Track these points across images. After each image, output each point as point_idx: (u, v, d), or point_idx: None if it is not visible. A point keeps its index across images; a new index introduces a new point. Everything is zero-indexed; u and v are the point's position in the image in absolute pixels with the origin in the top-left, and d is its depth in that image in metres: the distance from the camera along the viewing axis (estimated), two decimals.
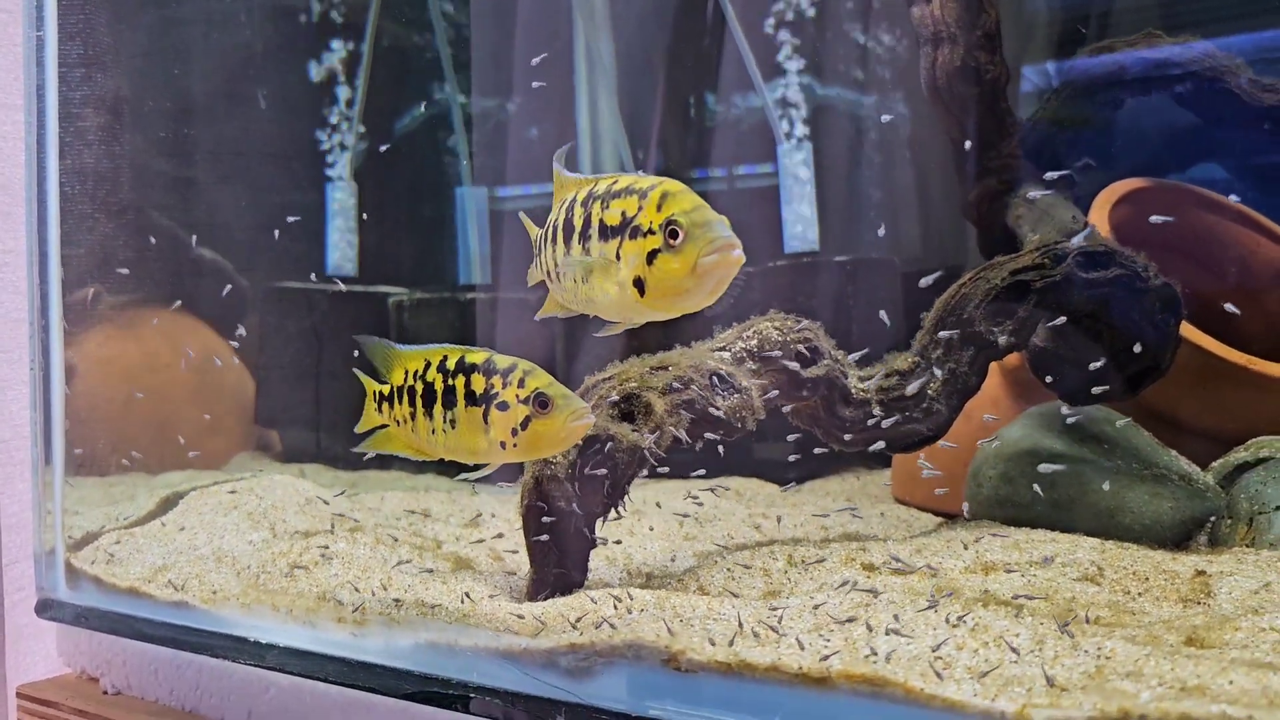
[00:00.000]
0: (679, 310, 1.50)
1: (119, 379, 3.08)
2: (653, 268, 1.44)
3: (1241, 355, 2.47)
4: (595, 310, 1.60)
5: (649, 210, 1.45)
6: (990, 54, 2.63)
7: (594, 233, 1.52)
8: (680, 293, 1.44)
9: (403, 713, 1.92)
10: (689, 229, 1.40)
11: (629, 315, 1.57)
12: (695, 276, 1.41)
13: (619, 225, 1.48)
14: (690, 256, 1.40)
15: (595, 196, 1.55)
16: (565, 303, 1.67)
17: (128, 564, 2.46)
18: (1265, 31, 2.75)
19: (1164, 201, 2.82)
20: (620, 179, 1.55)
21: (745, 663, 1.53)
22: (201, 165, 3.37)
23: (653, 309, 1.50)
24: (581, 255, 1.54)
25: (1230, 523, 2.14)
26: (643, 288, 1.46)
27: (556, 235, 1.60)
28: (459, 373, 1.76)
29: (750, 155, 3.85)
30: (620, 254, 1.48)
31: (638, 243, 1.45)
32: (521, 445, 1.71)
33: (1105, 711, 1.26)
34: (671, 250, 1.41)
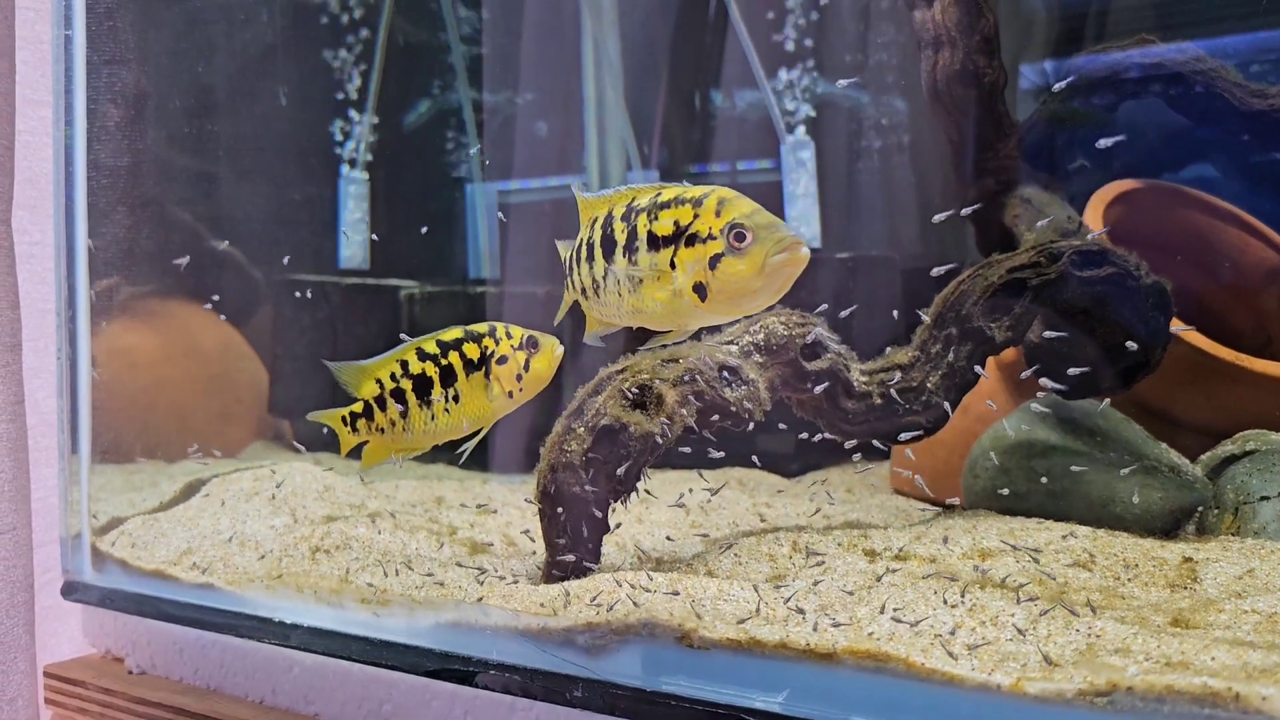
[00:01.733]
0: (741, 312, 1.55)
1: (137, 369, 3.15)
2: (716, 272, 1.48)
3: (1231, 352, 2.55)
4: (643, 321, 1.63)
5: (707, 217, 1.49)
6: (989, 58, 2.69)
7: (641, 244, 1.56)
8: (748, 293, 1.48)
9: (424, 689, 2.00)
10: (755, 231, 1.45)
11: (683, 322, 1.60)
12: (764, 276, 1.45)
13: (672, 234, 1.52)
14: (758, 258, 1.44)
15: (638, 210, 1.58)
16: (606, 317, 1.71)
17: (152, 547, 2.54)
18: (1260, 33, 2.82)
19: (1156, 202, 2.89)
20: (664, 191, 1.57)
21: (755, 640, 1.62)
22: (220, 160, 3.44)
23: (714, 313, 1.55)
24: (628, 267, 1.57)
25: (1217, 512, 2.22)
26: (704, 292, 1.50)
27: (593, 252, 1.64)
28: (449, 350, 1.92)
29: (753, 151, 3.93)
30: (676, 262, 1.52)
31: (696, 249, 1.50)
32: (526, 386, 1.94)
33: (1094, 684, 1.34)
34: (737, 253, 1.46)
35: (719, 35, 3.92)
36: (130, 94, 2.81)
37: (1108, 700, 1.32)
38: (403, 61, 4.18)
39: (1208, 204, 2.90)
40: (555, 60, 4.01)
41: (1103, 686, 1.33)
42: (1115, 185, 2.83)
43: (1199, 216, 2.91)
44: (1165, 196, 2.92)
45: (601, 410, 2.12)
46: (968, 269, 2.39)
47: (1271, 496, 2.13)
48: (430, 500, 2.93)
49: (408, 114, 4.27)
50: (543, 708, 1.86)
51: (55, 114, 2.63)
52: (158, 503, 2.82)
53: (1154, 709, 1.29)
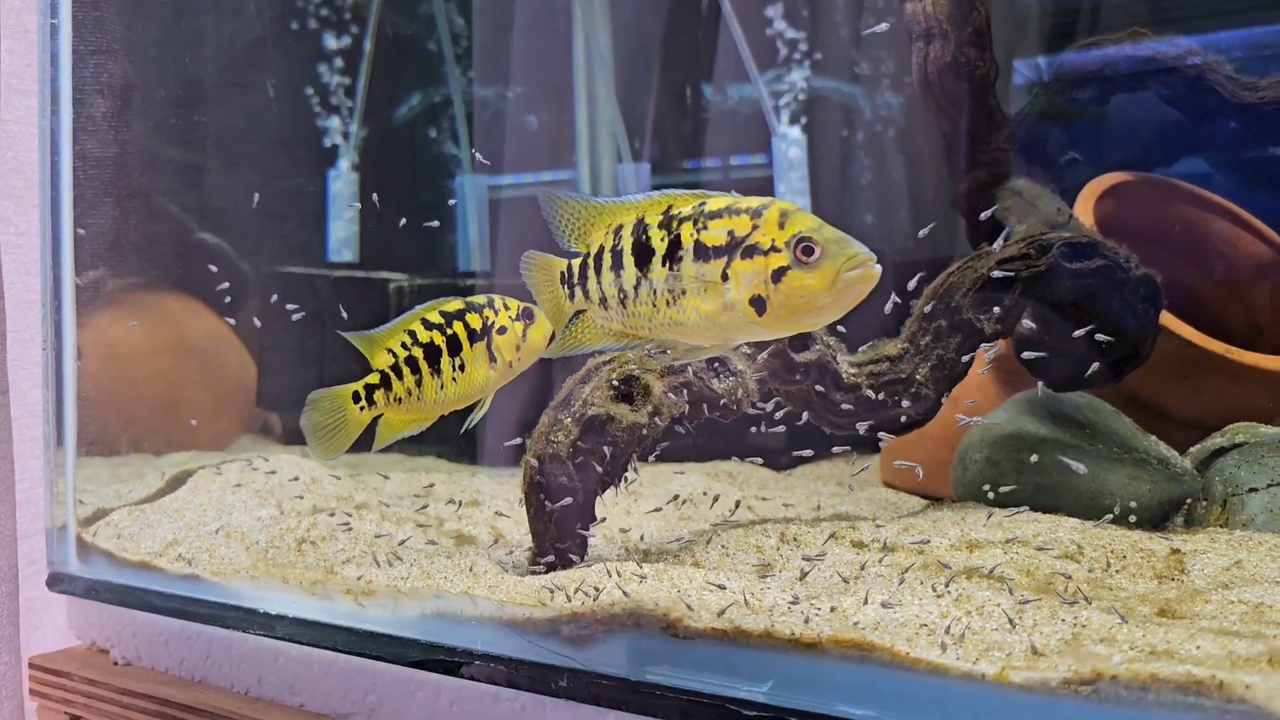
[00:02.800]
0: (801, 328, 1.50)
1: (123, 361, 3.14)
2: (780, 286, 1.42)
3: (1221, 345, 2.55)
4: (681, 334, 1.56)
5: (768, 229, 1.43)
6: (980, 50, 2.69)
7: (687, 254, 1.49)
8: (813, 310, 1.43)
9: (409, 680, 1.99)
10: (825, 245, 1.39)
11: (730, 336, 1.53)
12: (834, 292, 1.40)
13: (726, 245, 1.46)
14: (829, 273, 1.39)
15: (681, 218, 1.52)
16: (632, 329, 1.63)
17: (138, 539, 2.53)
18: (1254, 28, 2.82)
19: (1148, 195, 2.89)
20: (710, 200, 1.51)
21: (740, 629, 1.61)
22: (207, 151, 3.43)
23: (771, 328, 1.48)
24: (669, 277, 1.51)
25: (1205, 504, 2.22)
26: (762, 306, 1.44)
27: (621, 260, 1.57)
28: (453, 320, 1.94)
29: (744, 145, 3.92)
30: (729, 274, 1.45)
31: (755, 261, 1.43)
32: (523, 356, 1.97)
33: (1079, 673, 1.34)
34: (805, 267, 1.40)
35: (711, 28, 3.91)
36: (117, 84, 2.79)
37: (1092, 689, 1.32)
38: (392, 54, 4.17)
39: (1199, 197, 2.90)
40: (546, 53, 4.00)
41: (1087, 675, 1.33)
42: (1106, 178, 2.83)
43: (1190, 210, 2.91)
44: (1156, 190, 2.92)
45: (589, 401, 2.11)
46: (957, 260, 2.38)
47: (1260, 488, 2.13)
48: (419, 491, 2.92)
49: (397, 107, 4.26)
50: (528, 698, 1.85)
51: (41, 103, 2.61)
52: (144, 494, 2.81)
53: (1138, 697, 1.29)
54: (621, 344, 1.65)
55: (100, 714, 2.37)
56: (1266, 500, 2.10)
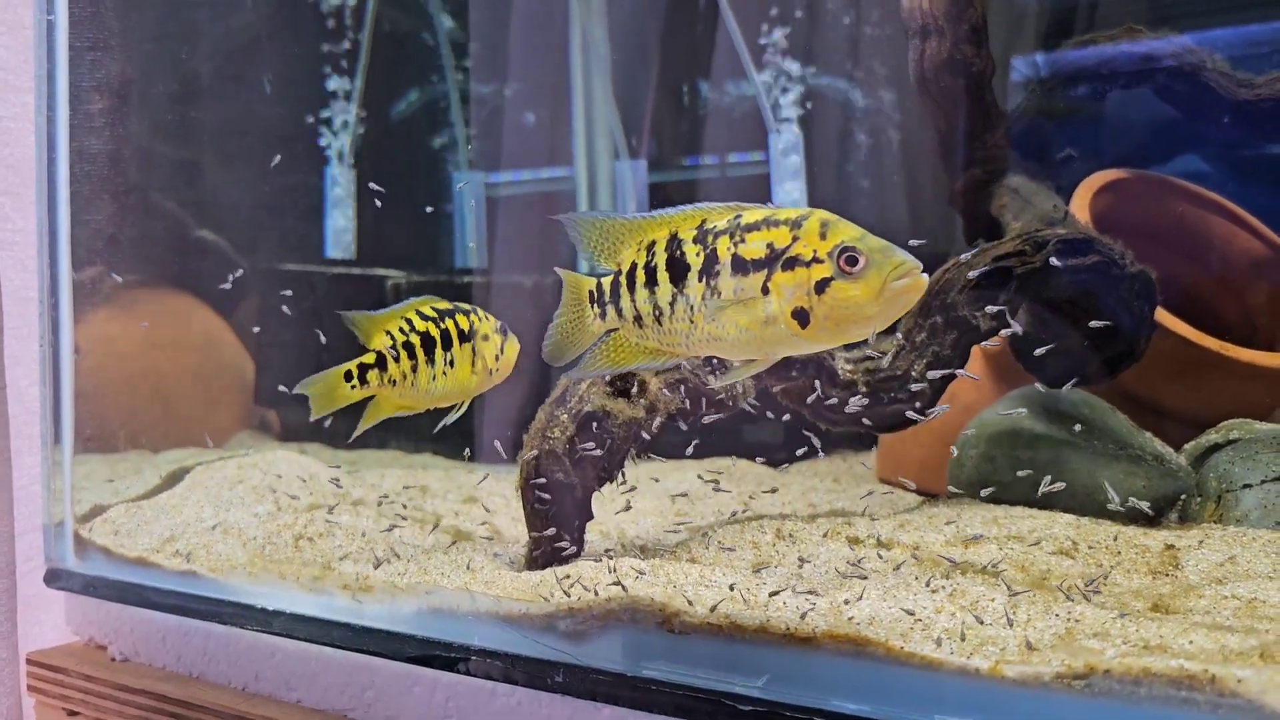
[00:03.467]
0: (845, 339, 1.46)
1: (121, 358, 3.14)
2: (824, 297, 1.39)
3: (1216, 342, 2.56)
4: (720, 350, 1.53)
5: (809, 239, 1.41)
6: (976, 47, 2.69)
7: (724, 268, 1.46)
8: (859, 320, 1.40)
9: (406, 675, 2.00)
10: (869, 255, 1.37)
11: (772, 350, 1.50)
12: (881, 302, 1.37)
13: (765, 257, 1.43)
14: (875, 283, 1.36)
15: (716, 232, 1.49)
16: (667, 346, 1.59)
17: (135, 535, 2.53)
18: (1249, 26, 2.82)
19: (1144, 192, 2.89)
20: (745, 212, 1.49)
21: (735, 624, 1.61)
22: (205, 148, 3.43)
23: (814, 340, 1.45)
24: (705, 293, 1.48)
25: (1200, 500, 2.22)
26: (805, 319, 1.41)
27: (655, 277, 1.54)
28: (445, 316, 1.99)
29: (742, 143, 3.92)
30: (770, 286, 1.43)
31: (797, 273, 1.41)
32: (500, 368, 2.02)
33: (1072, 667, 1.34)
34: (850, 278, 1.37)
35: (708, 25, 3.91)
36: (114, 80, 2.79)
37: (1085, 683, 1.32)
38: (389, 50, 4.17)
39: (1195, 194, 2.90)
40: (543, 50, 4.00)
41: (1080, 669, 1.33)
42: (1102, 175, 2.83)
43: (1186, 207, 2.92)
44: (1152, 187, 2.93)
45: (585, 397, 2.11)
46: (953, 257, 2.39)
47: (1254, 484, 2.13)
48: (415, 489, 2.92)
49: (395, 104, 4.26)
50: (524, 693, 1.85)
51: (38, 99, 2.61)
52: (141, 490, 2.81)
53: (1131, 691, 1.29)
54: (658, 362, 1.62)
55: (98, 710, 2.38)
56: (1260, 496, 2.11)
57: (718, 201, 1.54)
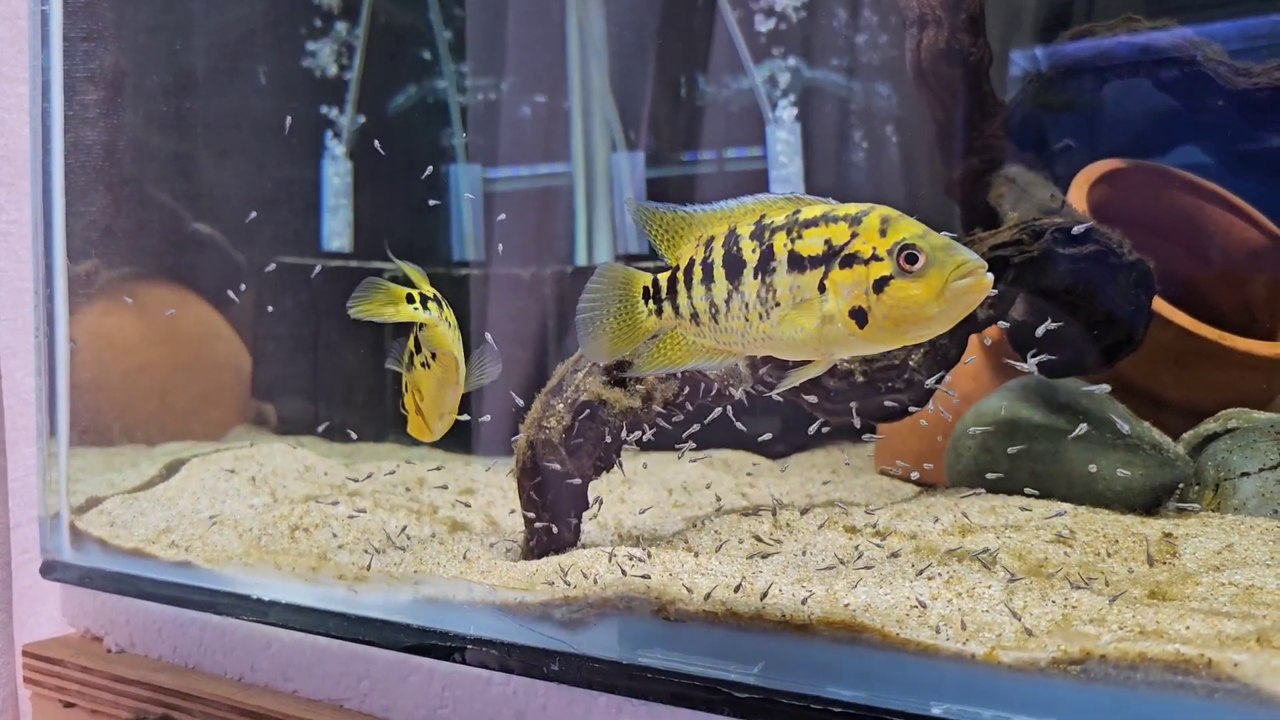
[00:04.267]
0: (905, 340, 1.40)
1: (118, 351, 3.13)
2: (882, 296, 1.34)
3: (1214, 331, 2.55)
4: (775, 349, 1.48)
5: (869, 236, 1.36)
6: (974, 37, 2.68)
7: (780, 265, 1.42)
8: (920, 321, 1.34)
9: (402, 665, 1.99)
10: (931, 253, 1.32)
11: (828, 350, 1.44)
12: (942, 301, 1.31)
13: (823, 254, 1.38)
14: (936, 282, 1.31)
15: (774, 227, 1.44)
16: (724, 345, 1.55)
17: (131, 527, 2.53)
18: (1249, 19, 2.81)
19: (1142, 182, 2.89)
20: (804, 208, 1.44)
21: (731, 611, 1.61)
22: (200, 140, 3.42)
23: (872, 341, 1.39)
24: (761, 290, 1.44)
25: (1198, 489, 2.22)
26: (863, 318, 1.36)
27: (712, 273, 1.49)
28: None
29: (739, 136, 3.91)
30: (827, 284, 1.38)
31: (855, 271, 1.36)
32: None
33: (1068, 652, 1.34)
34: (910, 276, 1.32)
35: (705, 17, 3.90)
36: (109, 71, 2.78)
37: (1081, 668, 1.32)
38: (386, 42, 4.16)
39: (1193, 184, 2.89)
40: (540, 43, 3.99)
41: (1076, 655, 1.33)
42: (1100, 165, 2.83)
43: (1184, 197, 2.91)
44: (1150, 177, 2.92)
45: (581, 387, 2.11)
46: None
47: (1251, 472, 2.13)
48: (412, 480, 2.91)
49: (391, 96, 4.25)
50: (520, 682, 1.85)
51: (32, 90, 2.61)
52: (137, 482, 2.81)
53: (1127, 676, 1.29)
54: (716, 361, 1.57)
55: (93, 701, 2.37)
56: (1258, 484, 2.11)
57: (778, 194, 1.49)
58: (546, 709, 1.83)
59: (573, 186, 3.98)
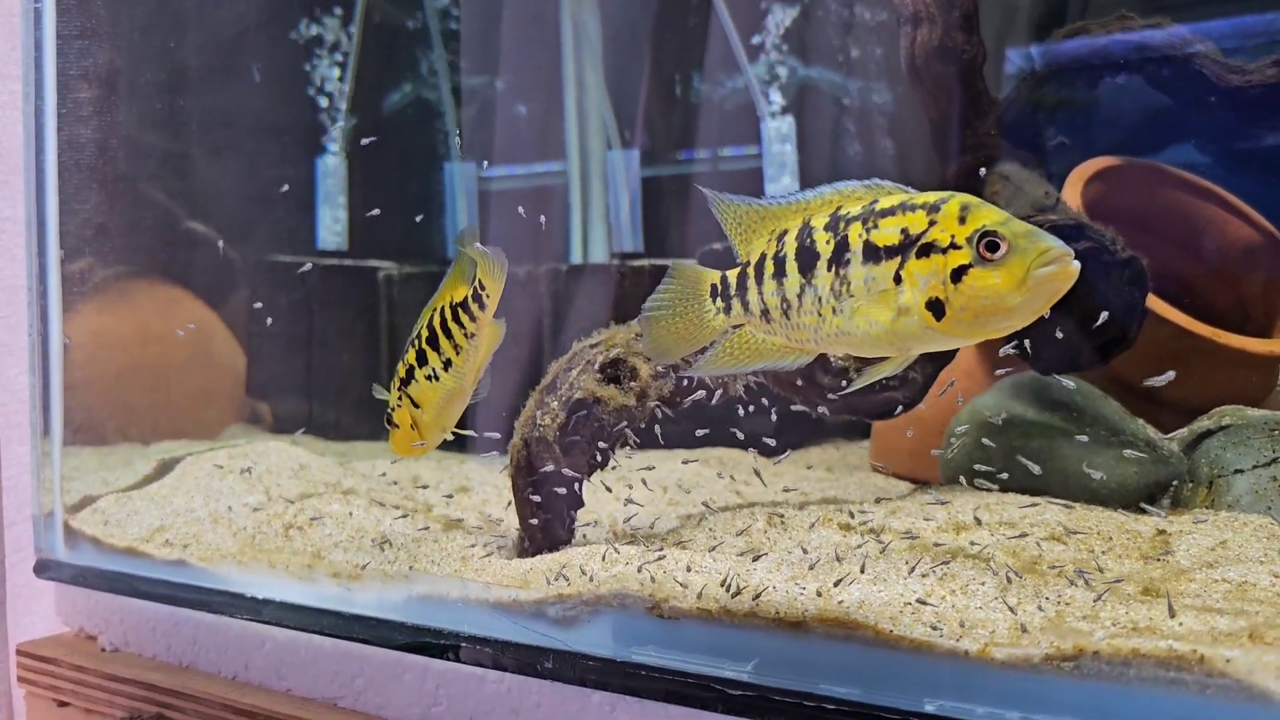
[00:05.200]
0: (985, 334, 1.34)
1: (112, 350, 3.13)
2: (961, 286, 1.28)
3: (1208, 328, 2.55)
4: (850, 346, 1.43)
5: (947, 223, 1.30)
6: (968, 34, 2.68)
7: (855, 256, 1.36)
8: (1000, 311, 1.28)
9: (396, 663, 1.99)
10: (1012, 239, 1.25)
11: (906, 345, 1.38)
12: (1025, 291, 1.25)
13: (899, 244, 1.32)
14: (1018, 270, 1.25)
15: (848, 218, 1.38)
16: (795, 342, 1.48)
17: (125, 525, 2.53)
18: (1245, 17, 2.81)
19: (1135, 180, 2.89)
20: (883, 196, 1.38)
21: (725, 609, 1.61)
22: (194, 138, 3.42)
23: (951, 333, 1.33)
24: (835, 283, 1.38)
25: (1192, 486, 2.22)
26: (940, 310, 1.30)
27: (784, 267, 1.44)
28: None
29: (735, 134, 3.91)
30: (903, 275, 1.32)
31: (933, 260, 1.30)
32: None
33: (1061, 649, 1.34)
34: (990, 264, 1.26)
35: (701, 16, 3.90)
36: (102, 68, 2.78)
37: (1074, 665, 1.32)
38: (380, 41, 4.15)
39: (1187, 182, 2.89)
40: (535, 41, 3.99)
41: (1069, 651, 1.33)
42: (1094, 162, 2.83)
43: (1179, 194, 2.91)
44: (1145, 174, 2.92)
45: (575, 384, 2.11)
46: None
47: (1245, 469, 2.13)
48: (406, 479, 2.91)
49: (386, 95, 4.25)
50: (514, 680, 1.85)
51: (25, 87, 2.60)
52: (131, 481, 2.80)
53: (1119, 673, 1.29)
54: (788, 360, 1.50)
55: (88, 701, 2.37)
56: (1252, 481, 2.11)
57: (855, 182, 1.42)
58: (540, 706, 1.83)
59: (568, 184, 3.98)
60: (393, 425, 1.94)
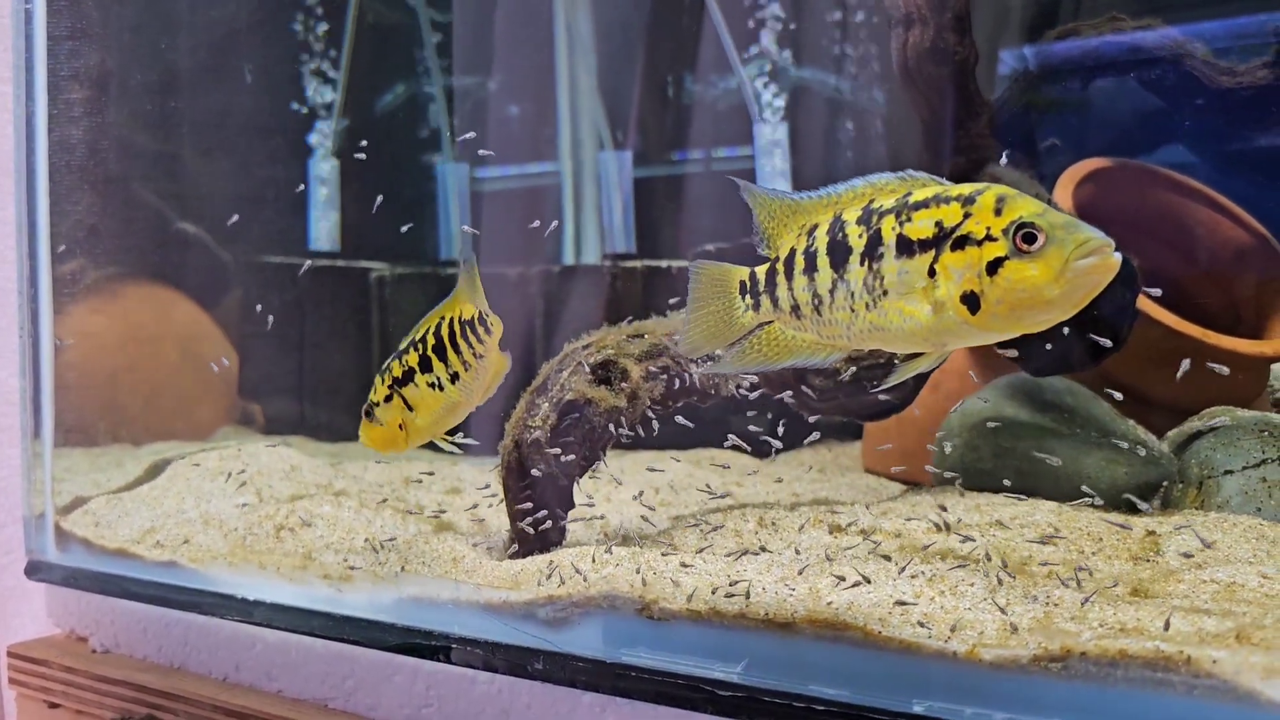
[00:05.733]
0: (1023, 328, 1.30)
1: (104, 352, 3.12)
2: (996, 279, 1.25)
3: (1199, 329, 2.56)
4: (884, 342, 1.40)
5: (983, 215, 1.26)
6: (960, 36, 2.68)
7: (888, 249, 1.33)
8: (1038, 305, 1.24)
9: (386, 664, 1.99)
10: (1050, 231, 1.22)
11: (941, 341, 1.35)
12: (1064, 283, 1.22)
13: (934, 237, 1.29)
14: (1055, 261, 1.22)
15: (882, 211, 1.35)
16: (828, 338, 1.45)
17: (116, 527, 2.52)
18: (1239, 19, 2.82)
19: (1127, 181, 2.89)
20: (916, 189, 1.34)
21: (715, 610, 1.61)
22: (185, 139, 3.41)
23: (986, 329, 1.30)
24: (867, 277, 1.35)
25: (1182, 487, 2.23)
26: (976, 304, 1.27)
27: (815, 262, 1.41)
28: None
29: (728, 136, 3.91)
30: (937, 269, 1.29)
31: (968, 253, 1.26)
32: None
33: (1049, 649, 1.34)
34: (1027, 256, 1.23)
35: (694, 16, 3.90)
36: (93, 69, 2.78)
37: (1061, 665, 1.32)
38: (373, 41, 4.15)
39: (1179, 183, 2.90)
40: (527, 42, 3.99)
41: (1057, 652, 1.33)
42: (1085, 164, 2.83)
43: (1170, 195, 2.91)
44: (1136, 175, 2.92)
45: (566, 386, 2.11)
46: None
47: (1235, 471, 2.13)
48: (399, 480, 2.91)
49: (378, 95, 4.24)
50: (504, 681, 1.85)
51: (15, 89, 2.60)
52: (122, 482, 2.80)
53: (1107, 673, 1.29)
54: (819, 357, 1.47)
55: (78, 702, 2.37)
56: (1241, 482, 2.11)
57: (889, 174, 1.39)
58: (531, 708, 1.83)
59: (560, 185, 3.98)
60: (372, 419, 1.92)
